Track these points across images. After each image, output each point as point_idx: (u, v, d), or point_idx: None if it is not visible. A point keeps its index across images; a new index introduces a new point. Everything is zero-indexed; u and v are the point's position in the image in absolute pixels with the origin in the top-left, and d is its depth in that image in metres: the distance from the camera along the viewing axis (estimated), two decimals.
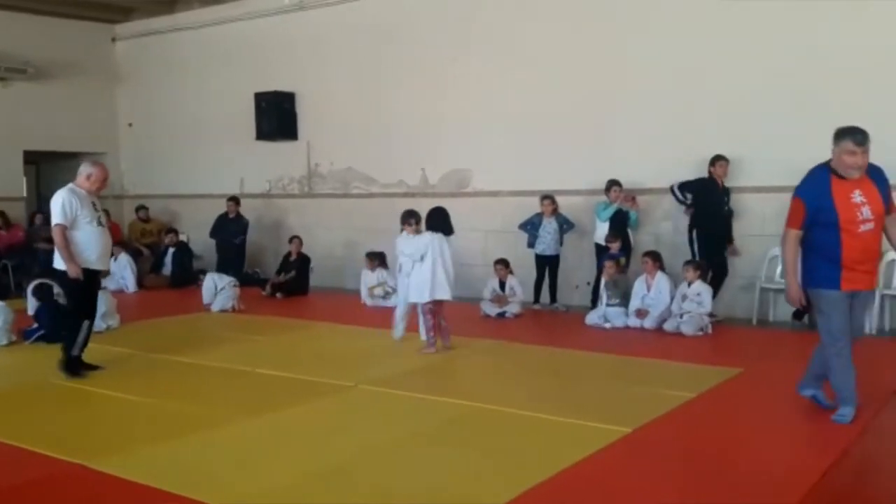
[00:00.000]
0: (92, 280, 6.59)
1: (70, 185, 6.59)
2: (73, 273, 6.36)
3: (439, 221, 7.24)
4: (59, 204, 6.38)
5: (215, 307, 9.86)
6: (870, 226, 4.83)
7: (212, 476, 4.30)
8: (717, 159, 8.70)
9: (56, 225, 6.38)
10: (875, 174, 4.96)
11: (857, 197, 4.81)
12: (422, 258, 7.13)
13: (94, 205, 6.56)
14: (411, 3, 11.20)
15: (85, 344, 6.61)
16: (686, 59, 9.09)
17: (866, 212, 4.81)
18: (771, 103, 8.55)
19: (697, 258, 8.61)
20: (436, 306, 7.22)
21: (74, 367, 6.52)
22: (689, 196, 8.88)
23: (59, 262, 6.47)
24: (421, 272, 7.14)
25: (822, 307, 5.00)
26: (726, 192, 8.80)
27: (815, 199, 4.85)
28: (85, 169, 6.64)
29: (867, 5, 8.13)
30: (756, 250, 8.76)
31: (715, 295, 8.60)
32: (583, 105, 9.79)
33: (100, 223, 6.56)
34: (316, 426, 5.22)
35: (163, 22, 13.76)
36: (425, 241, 7.16)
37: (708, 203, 8.76)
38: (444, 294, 7.18)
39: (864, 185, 4.85)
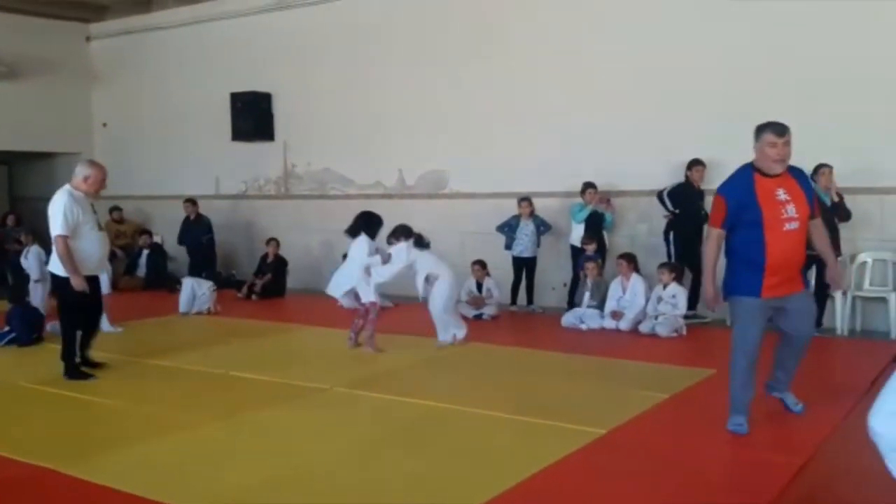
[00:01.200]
0: (92, 285, 6.31)
1: (67, 187, 6.16)
2: (79, 286, 6.04)
3: (357, 226, 7.57)
4: (61, 212, 5.96)
5: (193, 310, 9.78)
6: (795, 225, 4.63)
7: (182, 479, 4.27)
8: (695, 164, 8.75)
9: (58, 236, 5.97)
10: (799, 176, 4.84)
11: (782, 195, 4.65)
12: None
13: (91, 206, 6.25)
14: (389, 3, 11.18)
15: (77, 349, 6.43)
16: (661, 62, 9.13)
17: (791, 210, 4.63)
18: (745, 106, 8.58)
19: (673, 260, 8.67)
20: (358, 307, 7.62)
21: (78, 372, 6.38)
22: (669, 203, 8.90)
23: (55, 267, 6.15)
24: None
25: (738, 315, 4.83)
26: (701, 195, 8.87)
27: (737, 195, 4.68)
28: (82, 170, 6.24)
29: (840, 12, 8.21)
30: None
31: (700, 298, 8.63)
32: (558, 107, 9.81)
33: (99, 227, 6.30)
34: (290, 428, 5.18)
35: (138, 21, 13.64)
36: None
37: (686, 207, 8.81)
38: (336, 292, 7.71)
39: (788, 183, 4.72)
